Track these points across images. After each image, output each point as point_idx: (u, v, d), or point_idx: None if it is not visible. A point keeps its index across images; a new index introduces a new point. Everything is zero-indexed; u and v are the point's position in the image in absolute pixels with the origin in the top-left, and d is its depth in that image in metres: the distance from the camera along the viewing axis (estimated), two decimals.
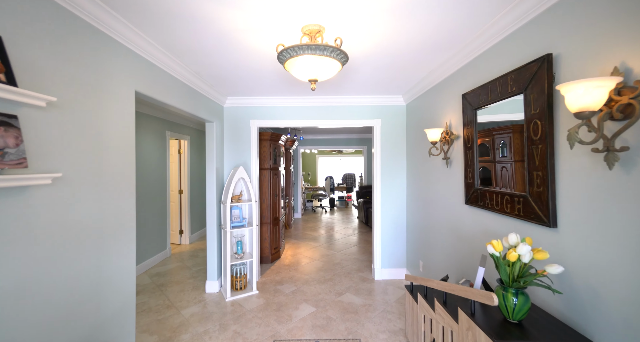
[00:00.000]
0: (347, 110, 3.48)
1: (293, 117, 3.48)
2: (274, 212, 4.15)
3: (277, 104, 3.45)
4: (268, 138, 4.01)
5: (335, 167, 12.25)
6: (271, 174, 4.07)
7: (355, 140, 7.72)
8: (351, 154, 11.98)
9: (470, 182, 1.89)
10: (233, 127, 3.46)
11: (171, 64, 2.20)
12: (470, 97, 1.87)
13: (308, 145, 7.68)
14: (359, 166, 12.13)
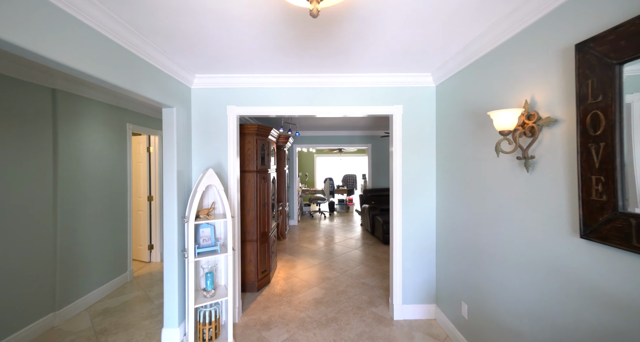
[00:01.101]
0: (356, 93, 2.61)
1: (285, 102, 2.60)
2: (262, 226, 3.28)
3: (263, 84, 2.57)
4: (254, 132, 3.14)
5: (335, 168, 11.40)
6: (258, 178, 3.20)
7: (358, 137, 6.86)
8: (353, 154, 11.13)
9: (601, 199, 1.04)
10: (204, 115, 2.57)
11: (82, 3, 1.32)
12: (603, 45, 1.02)
13: (305, 144, 6.81)
14: (362, 167, 11.29)
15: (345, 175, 10.02)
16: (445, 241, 2.43)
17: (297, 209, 7.22)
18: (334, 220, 7.57)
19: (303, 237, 5.63)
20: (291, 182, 6.73)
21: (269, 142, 3.52)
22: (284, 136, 4.64)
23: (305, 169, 10.93)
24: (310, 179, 10.96)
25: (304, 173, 10.87)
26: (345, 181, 10.21)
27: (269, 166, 3.48)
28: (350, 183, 10.18)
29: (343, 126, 6.05)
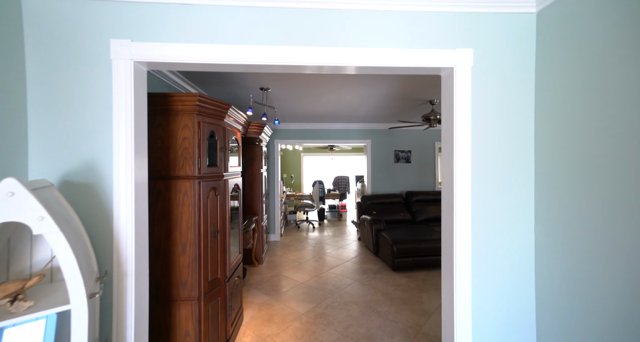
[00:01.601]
0: (383, 25, 1.32)
1: (247, 36, 1.28)
2: (213, 269, 1.92)
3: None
4: (193, 108, 1.78)
5: (325, 169, 10.11)
6: (203, 188, 1.84)
7: (355, 132, 5.60)
8: (346, 152, 9.88)
9: None
10: (59, 58, 1.21)
11: None
12: None
13: (289, 139, 5.47)
14: (356, 167, 10.06)
15: (336, 177, 8.75)
16: (569, 294, 1.18)
17: (281, 219, 5.87)
18: (324, 231, 6.27)
19: (286, 260, 4.29)
20: (272, 188, 5.38)
21: (227, 129, 2.17)
22: (256, 124, 3.27)
23: (290, 170, 9.58)
24: (297, 181, 9.62)
25: (289, 175, 9.52)
26: (336, 183, 8.94)
27: (224, 168, 2.13)
28: (342, 186, 8.92)
29: (336, 117, 4.77)
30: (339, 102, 3.63)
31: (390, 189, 5.63)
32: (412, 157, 5.62)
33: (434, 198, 5.18)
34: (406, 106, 3.82)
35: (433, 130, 5.61)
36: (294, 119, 4.99)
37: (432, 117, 3.36)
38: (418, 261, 3.72)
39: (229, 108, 2.06)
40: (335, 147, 8.08)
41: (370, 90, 3.11)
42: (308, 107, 3.92)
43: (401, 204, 5.19)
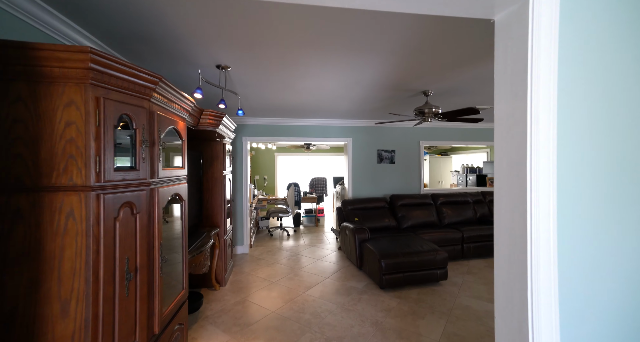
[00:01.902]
0: None
1: None
2: (125, 332, 1.22)
3: None
4: (84, 76, 1.07)
5: (301, 170, 9.47)
6: (109, 206, 1.14)
7: (334, 129, 5.03)
8: (323, 152, 9.31)
9: None
10: None
11: None
12: None
13: (259, 136, 4.77)
14: (335, 168, 9.53)
15: (313, 178, 8.15)
16: None
17: (251, 227, 5.15)
18: (300, 239, 5.63)
19: (255, 279, 3.59)
20: (239, 193, 4.65)
21: (157, 114, 1.47)
22: (211, 113, 2.53)
23: (263, 171, 8.82)
24: (270, 183, 8.88)
25: (262, 176, 8.76)
26: (313, 185, 8.34)
27: (150, 172, 1.43)
28: (319, 188, 8.34)
29: (314, 110, 4.16)
30: (318, 91, 3.02)
31: (373, 193, 5.14)
32: (396, 158, 5.18)
33: (420, 202, 4.76)
34: (396, 97, 3.31)
35: (418, 128, 5.20)
36: (264, 113, 4.30)
37: (426, 110, 2.87)
38: (409, 277, 3.22)
39: (158, 81, 1.37)
40: (312, 146, 7.47)
41: (356, 75, 2.54)
42: (281, 96, 3.27)
43: (385, 209, 4.71)
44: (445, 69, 2.38)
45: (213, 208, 3.27)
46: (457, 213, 4.68)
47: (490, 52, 2.03)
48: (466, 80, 2.68)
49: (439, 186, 9.27)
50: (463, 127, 5.32)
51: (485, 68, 2.34)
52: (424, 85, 2.80)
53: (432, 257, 3.26)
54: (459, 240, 4.14)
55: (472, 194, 4.99)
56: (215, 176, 3.27)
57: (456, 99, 3.32)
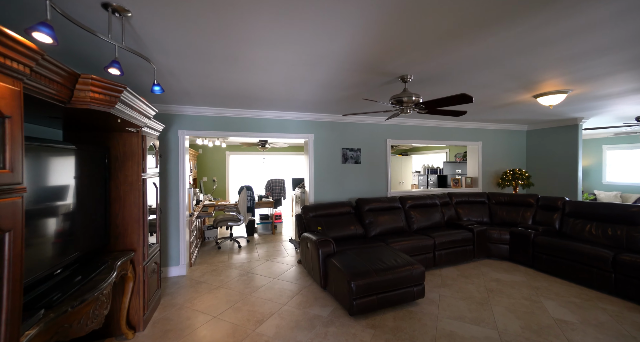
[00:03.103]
0: None
1: None
2: None
3: None
4: None
5: (257, 171, 8.57)
6: None
7: (294, 123, 4.36)
8: (281, 151, 8.54)
9: None
10: None
11: None
12: None
13: (201, 129, 3.88)
14: (295, 169, 8.81)
15: (270, 180, 7.35)
16: None
17: (192, 239, 4.21)
18: (254, 251, 4.83)
19: (189, 314, 2.74)
20: (172, 200, 3.70)
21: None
22: (97, 83, 1.59)
23: (212, 172, 7.75)
24: (221, 186, 7.84)
25: (211, 178, 7.69)
26: (270, 188, 7.53)
27: None
28: (277, 191, 7.57)
29: (269, 100, 3.44)
30: (272, 67, 2.33)
31: (338, 196, 4.59)
32: (362, 157, 4.70)
33: (388, 206, 4.34)
34: (368, 84, 2.77)
35: (385, 126, 4.80)
36: (206, 100, 3.44)
37: (405, 98, 2.37)
38: (383, 299, 2.70)
39: None
40: (268, 143, 6.68)
41: (322, 47, 1.92)
42: (223, 75, 2.49)
43: (351, 214, 4.18)
44: (435, 43, 1.88)
45: (125, 224, 2.35)
46: (426, 217, 4.37)
47: (498, 19, 1.57)
48: (454, 64, 2.23)
49: (400, 187, 9.19)
50: (431, 125, 5.07)
51: (483, 44, 1.90)
52: (404, 66, 2.29)
53: (408, 273, 2.78)
54: (430, 247, 3.78)
55: (439, 196, 4.74)
56: (129, 181, 2.36)
57: (436, 88, 2.90)
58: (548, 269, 3.61)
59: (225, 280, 3.56)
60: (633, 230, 3.35)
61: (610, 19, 1.60)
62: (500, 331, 2.41)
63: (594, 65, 2.32)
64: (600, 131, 6.33)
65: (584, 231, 3.71)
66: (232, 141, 7.20)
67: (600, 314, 2.67)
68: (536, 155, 5.56)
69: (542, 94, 3.07)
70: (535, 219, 4.26)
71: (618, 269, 3.01)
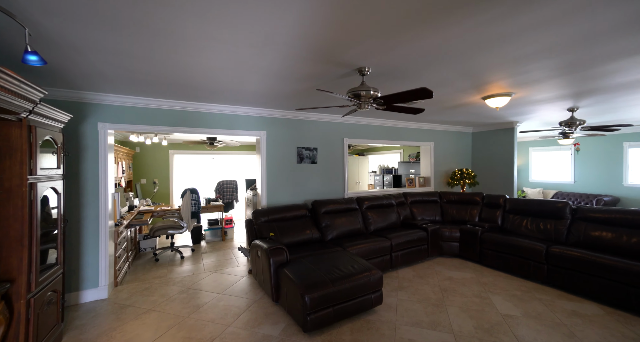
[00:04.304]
0: None
1: None
2: None
3: None
4: None
5: (205, 172, 7.83)
6: None
7: (245, 119, 3.95)
8: (233, 150, 7.93)
9: None
10: None
11: None
12: None
13: (131, 123, 3.26)
14: (249, 169, 8.25)
15: (220, 182, 6.74)
16: None
17: (122, 252, 3.54)
18: (200, 261, 4.28)
19: None
20: (89, 208, 3.02)
21: None
22: None
23: (153, 173, 6.85)
24: (164, 189, 6.97)
25: (151, 180, 6.79)
26: (220, 190, 6.91)
27: None
28: (228, 193, 6.98)
29: (214, 91, 3.01)
30: (212, 46, 1.95)
31: (293, 198, 4.29)
32: (318, 157, 4.48)
33: (345, 208, 4.18)
34: (324, 77, 2.53)
35: (342, 124, 4.65)
36: (137, 89, 2.87)
37: (363, 92, 2.18)
38: (340, 311, 2.49)
39: None
40: (217, 142, 6.10)
41: (268, 24, 1.61)
42: (150, 57, 2.03)
43: (307, 218, 3.93)
44: (392, 30, 1.71)
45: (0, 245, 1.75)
46: (383, 218, 4.32)
47: (459, 5, 1.44)
48: (412, 58, 2.11)
49: (358, 187, 9.25)
50: (387, 125, 5.07)
51: (442, 36, 1.78)
52: (361, 57, 2.10)
53: (366, 279, 2.61)
54: (387, 249, 3.71)
55: (395, 196, 4.75)
56: (6, 186, 1.76)
57: (394, 85, 2.79)
58: (493, 264, 3.79)
59: (158, 301, 3.01)
60: (559, 223, 3.68)
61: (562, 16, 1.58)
62: (455, 333, 2.36)
63: (534, 69, 2.40)
64: (528, 135, 7.07)
65: (521, 226, 3.98)
66: (176, 138, 6.44)
67: (537, 305, 2.82)
68: (480, 156, 5.96)
69: (490, 96, 3.18)
70: (481, 217, 4.50)
71: (550, 261, 3.25)
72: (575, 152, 7.18)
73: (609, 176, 6.65)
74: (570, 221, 3.63)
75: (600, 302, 2.88)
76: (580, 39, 1.84)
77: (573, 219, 3.61)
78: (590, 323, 2.50)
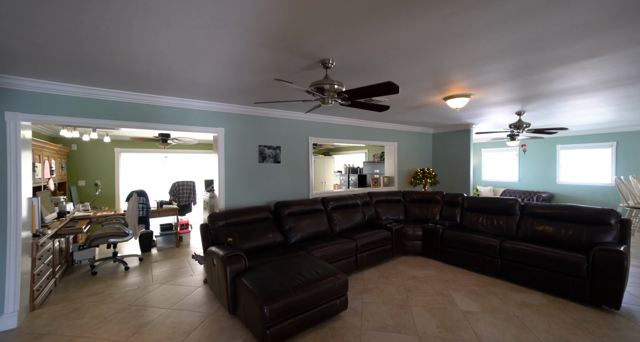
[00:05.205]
0: None
1: None
2: None
3: None
4: None
5: (158, 172, 7.13)
6: None
7: (200, 114, 3.59)
8: (189, 149, 7.33)
9: None
10: None
11: None
12: None
13: (61, 115, 2.74)
14: (207, 169, 7.69)
15: (175, 183, 6.17)
16: None
17: (44, 267, 2.98)
18: (148, 273, 3.81)
19: None
20: None
21: None
22: None
23: (95, 173, 6.05)
24: (108, 192, 6.19)
25: (93, 182, 5.99)
26: (176, 192, 6.35)
27: None
28: (185, 195, 6.43)
29: (164, 80, 2.65)
30: (148, 25, 1.66)
31: (255, 200, 4.03)
32: (282, 156, 4.26)
33: (310, 209, 4.02)
34: (286, 68, 2.34)
35: (307, 122, 4.48)
36: (60, 73, 2.40)
37: (326, 86, 2.03)
38: (302, 320, 2.32)
39: None
40: (170, 139, 5.56)
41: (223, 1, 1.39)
42: (69, 29, 1.66)
43: (269, 220, 3.70)
44: (356, 18, 1.58)
45: None
46: (348, 218, 4.24)
47: None
48: (377, 51, 2.01)
49: (323, 187, 9.17)
50: (352, 124, 5.02)
51: (407, 28, 1.70)
52: (324, 47, 1.95)
53: (330, 285, 2.48)
54: (353, 251, 3.63)
55: (360, 196, 4.71)
56: None
57: (359, 80, 2.69)
58: (454, 260, 3.92)
59: (89, 324, 2.56)
60: (510, 220, 3.91)
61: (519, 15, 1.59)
62: (420, 335, 2.33)
63: (491, 70, 2.47)
64: (481, 136, 7.59)
65: (478, 223, 4.18)
66: (123, 135, 5.75)
67: (493, 299, 2.94)
68: (440, 156, 6.22)
69: (451, 97, 3.25)
70: (442, 215, 4.65)
71: (503, 255, 3.43)
72: (522, 153, 7.88)
73: (546, 175, 7.38)
74: (519, 217, 3.87)
75: (545, 292, 3.08)
76: (534, 40, 1.90)
77: (522, 215, 3.86)
78: (537, 313, 2.65)
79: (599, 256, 2.73)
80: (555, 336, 2.29)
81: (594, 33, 1.78)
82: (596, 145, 6.63)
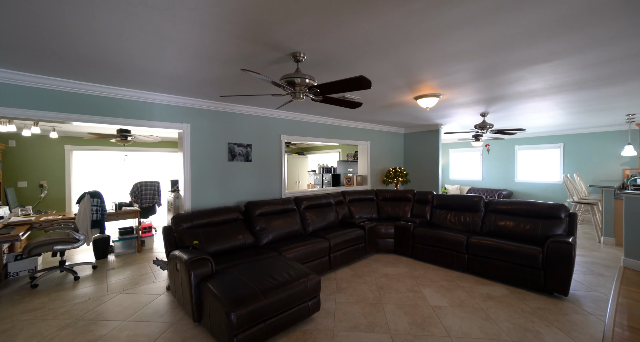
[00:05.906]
0: None
1: None
2: None
3: None
4: None
5: (117, 172, 6.57)
6: None
7: (163, 108, 3.32)
8: (152, 147, 6.84)
9: None
10: None
11: None
12: None
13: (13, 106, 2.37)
14: (173, 168, 7.22)
15: (138, 183, 5.72)
16: None
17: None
18: (103, 282, 3.45)
19: None
20: None
21: None
22: None
23: (40, 173, 5.41)
24: (58, 194, 5.57)
25: (37, 183, 5.36)
26: (138, 193, 5.88)
27: None
28: (149, 197, 5.98)
29: (119, 71, 2.39)
30: (98, 6, 1.46)
31: (224, 200, 3.82)
32: (253, 154, 4.10)
33: (282, 209, 3.91)
34: (255, 60, 2.21)
35: (279, 120, 4.36)
36: (9, 59, 2.06)
37: (297, 80, 1.95)
38: (273, 325, 2.21)
39: None
40: (130, 135, 5.13)
41: None
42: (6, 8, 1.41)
43: (239, 221, 3.53)
44: (328, 7, 1.52)
45: None
46: (322, 217, 4.19)
47: None
48: (349, 45, 1.96)
49: (297, 186, 9.06)
50: (326, 123, 4.97)
51: (380, 21, 1.67)
52: (295, 39, 1.86)
53: (302, 286, 2.39)
54: (326, 250, 3.57)
55: (334, 195, 4.68)
56: None
57: (331, 74, 2.63)
58: (424, 257, 4.02)
59: None
60: (475, 216, 4.10)
61: (489, 14, 1.62)
62: (392, 333, 2.33)
63: (459, 70, 2.55)
64: (449, 137, 7.95)
65: (446, 220, 4.33)
66: (74, 131, 5.20)
67: (461, 293, 3.04)
68: (411, 155, 6.39)
69: (422, 96, 3.32)
70: (413, 213, 4.77)
71: (469, 250, 3.57)
72: (486, 153, 8.37)
73: (506, 174, 7.92)
74: (484, 213, 4.07)
75: (507, 284, 3.26)
76: (497, 43, 1.96)
77: (486, 211, 4.06)
78: (500, 304, 2.78)
79: (552, 247, 2.93)
80: (516, 325, 2.41)
81: (552, 37, 1.88)
82: (547, 146, 7.23)
